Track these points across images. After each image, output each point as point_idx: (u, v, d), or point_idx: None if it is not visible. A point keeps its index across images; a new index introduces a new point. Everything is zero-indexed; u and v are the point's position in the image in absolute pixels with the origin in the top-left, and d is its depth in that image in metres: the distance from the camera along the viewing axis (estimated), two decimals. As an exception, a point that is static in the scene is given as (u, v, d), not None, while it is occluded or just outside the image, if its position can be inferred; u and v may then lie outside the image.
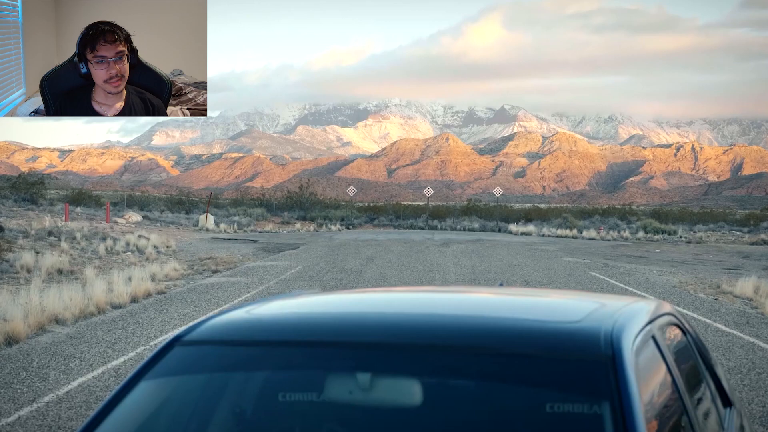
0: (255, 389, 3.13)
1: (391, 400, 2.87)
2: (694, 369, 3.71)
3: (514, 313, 3.33)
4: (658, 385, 3.08)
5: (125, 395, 2.99)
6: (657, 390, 3.04)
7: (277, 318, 3.35)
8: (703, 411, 3.55)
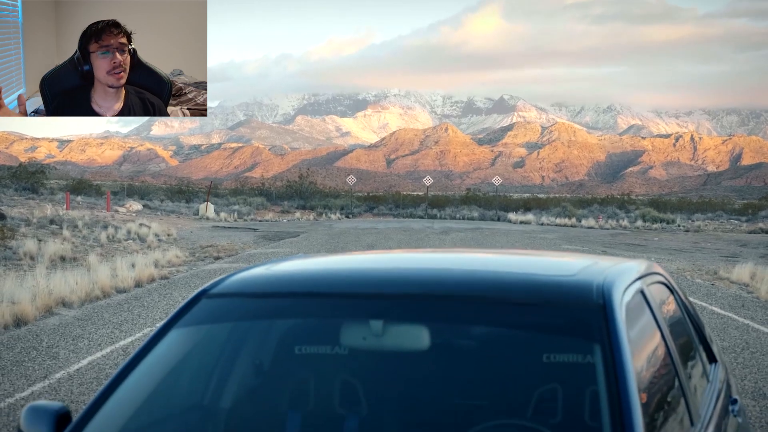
0: (275, 337, 3.40)
1: (401, 345, 3.15)
2: (680, 325, 3.96)
3: (515, 268, 3.60)
4: (646, 334, 3.34)
5: (157, 343, 3.26)
6: (645, 339, 3.30)
7: (296, 273, 3.62)
8: (690, 363, 3.80)
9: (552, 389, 3.05)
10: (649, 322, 3.40)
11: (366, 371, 3.24)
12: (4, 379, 9.78)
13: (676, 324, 3.88)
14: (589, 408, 2.91)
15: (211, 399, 3.36)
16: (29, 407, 3.18)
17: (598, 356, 2.91)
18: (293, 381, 3.31)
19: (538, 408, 3.03)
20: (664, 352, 3.39)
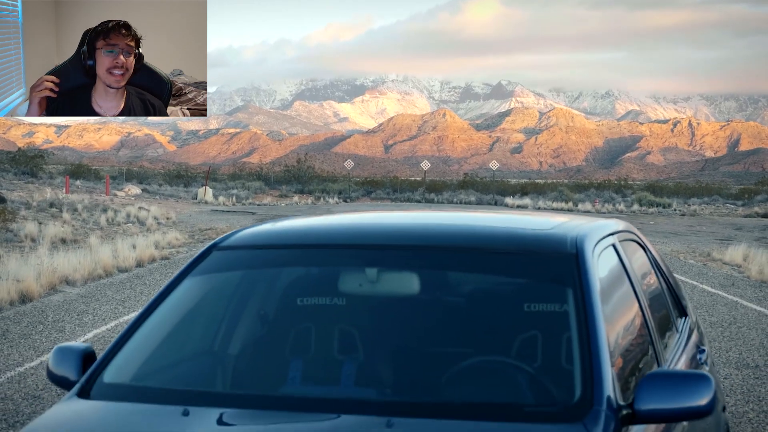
0: (279, 288, 3.73)
1: (394, 291, 3.49)
2: (652, 280, 4.29)
3: (498, 224, 3.95)
4: (617, 284, 3.67)
5: (172, 290, 3.59)
6: (615, 289, 3.63)
7: (298, 228, 3.97)
8: (659, 314, 4.13)
9: (531, 331, 3.38)
10: (620, 273, 3.73)
11: (362, 316, 3.57)
12: (13, 350, 10.11)
13: (647, 278, 4.20)
14: (564, 347, 3.24)
15: (221, 345, 3.68)
16: (57, 348, 3.50)
17: (571, 300, 3.24)
18: (296, 327, 3.63)
19: (519, 347, 3.35)
20: (634, 301, 3.72)
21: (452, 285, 3.64)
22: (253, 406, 3.08)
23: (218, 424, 2.97)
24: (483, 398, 3.13)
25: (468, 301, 3.62)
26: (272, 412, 3.05)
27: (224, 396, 3.27)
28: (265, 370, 3.53)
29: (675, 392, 3.00)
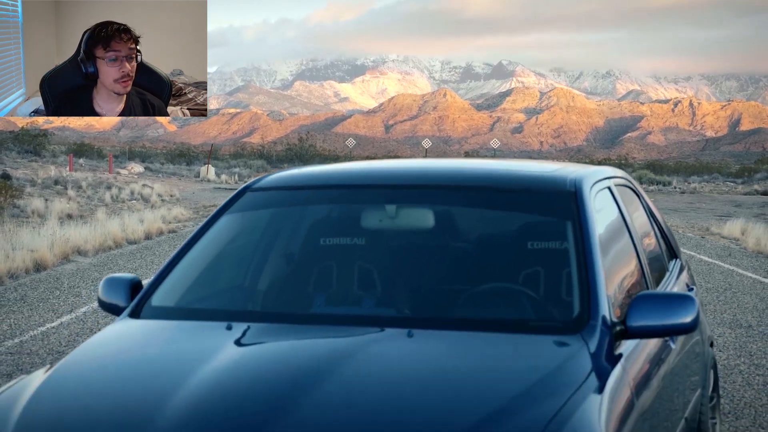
0: (309, 219, 4.13)
1: (411, 225, 3.89)
2: (644, 223, 4.67)
3: (505, 168, 4.35)
4: (612, 222, 4.05)
5: (210, 226, 3.98)
6: (611, 226, 4.01)
7: (324, 171, 4.38)
8: (651, 253, 4.50)
9: (533, 259, 3.78)
10: (614, 212, 4.11)
11: (382, 248, 3.96)
12: (33, 312, 10.49)
13: (640, 220, 4.57)
14: (564, 273, 3.62)
15: (251, 281, 4.06)
16: (107, 279, 3.88)
17: (570, 232, 3.62)
18: (324, 256, 4.03)
19: (523, 274, 3.74)
20: (627, 237, 4.10)
21: (464, 219, 4.04)
22: (288, 322, 3.47)
23: (259, 335, 3.36)
24: (493, 316, 3.51)
25: (479, 233, 4.03)
26: (305, 326, 3.46)
27: (262, 314, 3.68)
28: (295, 294, 3.92)
29: (662, 311, 3.38)
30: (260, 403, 2.80)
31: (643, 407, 3.38)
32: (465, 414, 2.76)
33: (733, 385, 7.43)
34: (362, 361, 3.08)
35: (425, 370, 3.09)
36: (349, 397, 2.86)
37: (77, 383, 3.16)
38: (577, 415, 2.84)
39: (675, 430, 3.99)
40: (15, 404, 3.00)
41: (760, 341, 9.25)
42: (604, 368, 3.17)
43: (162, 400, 2.85)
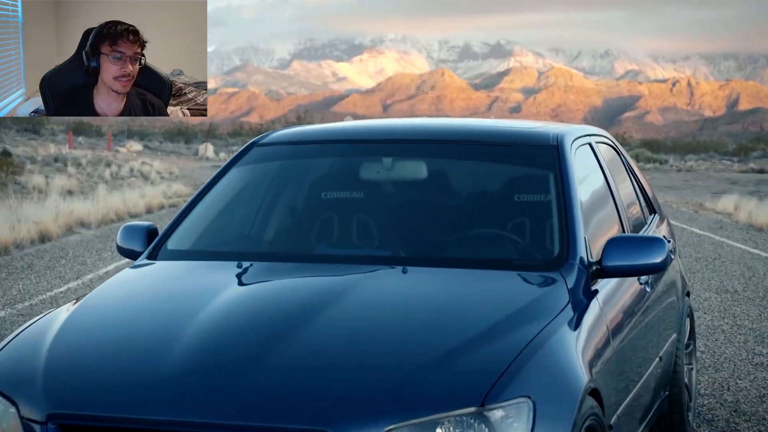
0: (313, 172, 4.45)
1: (406, 176, 4.22)
2: (624, 178, 4.98)
3: (492, 124, 4.70)
4: (592, 175, 4.37)
5: (220, 179, 4.30)
6: (591, 178, 4.33)
7: (325, 128, 4.72)
8: (630, 205, 4.82)
9: (516, 207, 4.11)
10: (594, 166, 4.43)
11: (379, 197, 4.28)
12: (41, 279, 10.81)
13: (620, 176, 4.89)
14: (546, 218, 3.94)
15: (258, 227, 4.38)
16: (125, 227, 4.21)
17: (552, 181, 3.95)
18: (327, 204, 4.36)
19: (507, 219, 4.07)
20: (607, 190, 4.42)
21: (455, 171, 4.37)
22: (291, 261, 3.83)
23: (264, 272, 3.71)
24: (479, 255, 3.84)
25: (468, 183, 4.36)
26: (307, 264, 3.82)
27: (268, 255, 4.04)
28: (299, 238, 4.26)
29: (635, 252, 3.70)
30: (262, 332, 3.12)
31: (618, 342, 3.70)
32: (450, 337, 3.09)
33: (715, 342, 7.77)
34: (360, 292, 3.42)
35: (416, 301, 3.43)
36: (348, 325, 3.19)
37: (100, 317, 3.49)
38: (553, 339, 3.16)
39: (648, 366, 4.31)
40: (46, 334, 3.31)
41: (744, 305, 9.59)
42: (580, 301, 3.49)
43: (176, 332, 3.17)
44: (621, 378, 3.74)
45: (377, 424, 2.75)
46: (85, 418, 2.91)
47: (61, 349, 3.20)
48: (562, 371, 3.07)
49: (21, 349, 3.28)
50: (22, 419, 2.96)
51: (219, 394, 2.86)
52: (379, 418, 2.77)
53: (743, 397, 6.17)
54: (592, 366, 3.30)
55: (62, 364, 3.12)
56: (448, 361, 2.96)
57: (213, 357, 3.01)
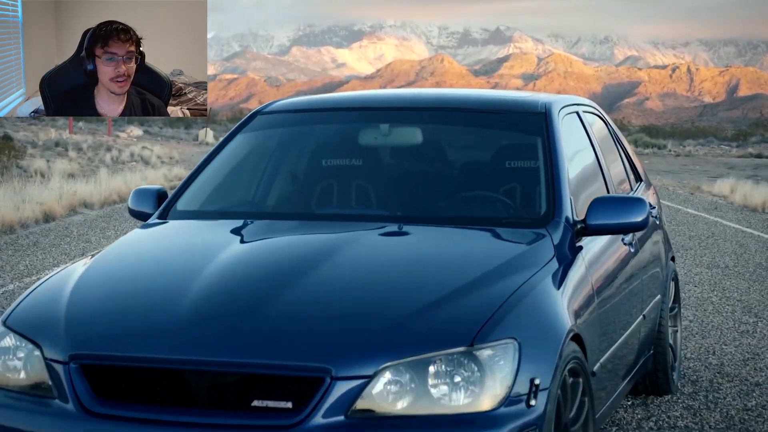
0: (314, 136, 4.70)
1: (401, 142, 4.48)
2: (610, 146, 5.21)
3: (484, 93, 4.96)
4: (579, 141, 4.61)
5: (226, 145, 4.55)
6: (577, 144, 4.57)
7: (327, 97, 5.00)
8: (615, 171, 5.05)
9: (505, 170, 4.36)
10: (581, 133, 4.67)
11: (377, 161, 4.52)
12: (47, 256, 11.05)
13: (607, 144, 5.12)
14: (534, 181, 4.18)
15: (263, 188, 4.62)
16: (136, 190, 4.45)
17: (540, 145, 4.20)
18: (328, 168, 4.61)
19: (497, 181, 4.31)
20: (593, 155, 4.66)
21: (448, 136, 4.62)
22: (294, 219, 4.11)
23: (268, 229, 4.00)
24: (471, 214, 4.09)
25: (461, 148, 4.61)
26: (308, 222, 4.12)
27: (272, 214, 4.32)
28: (301, 198, 4.51)
29: (617, 211, 3.94)
30: (267, 280, 3.38)
31: (601, 296, 3.94)
32: (442, 285, 3.34)
33: (703, 312, 8.00)
34: (358, 246, 3.69)
35: (411, 254, 3.69)
36: (346, 274, 3.45)
37: (116, 269, 3.74)
38: (539, 288, 3.40)
39: (632, 322, 4.55)
40: (65, 285, 3.56)
41: (734, 279, 9.83)
42: (565, 255, 3.73)
43: (188, 281, 3.41)
44: (604, 330, 3.98)
45: (375, 362, 2.99)
46: (105, 358, 3.15)
47: (81, 297, 3.43)
48: (546, 316, 3.32)
49: (42, 298, 3.52)
50: (46, 360, 3.20)
51: (228, 335, 3.10)
52: (377, 356, 3.00)
53: (728, 360, 6.40)
54: (576, 315, 3.53)
55: (82, 310, 3.36)
56: (439, 306, 3.20)
57: (222, 303, 3.25)
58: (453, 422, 2.98)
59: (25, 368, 3.28)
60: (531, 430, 3.04)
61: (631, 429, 5.00)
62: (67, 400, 3.12)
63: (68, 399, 3.12)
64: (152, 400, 3.07)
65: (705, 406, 5.41)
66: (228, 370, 3.04)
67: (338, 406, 2.95)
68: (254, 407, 3.00)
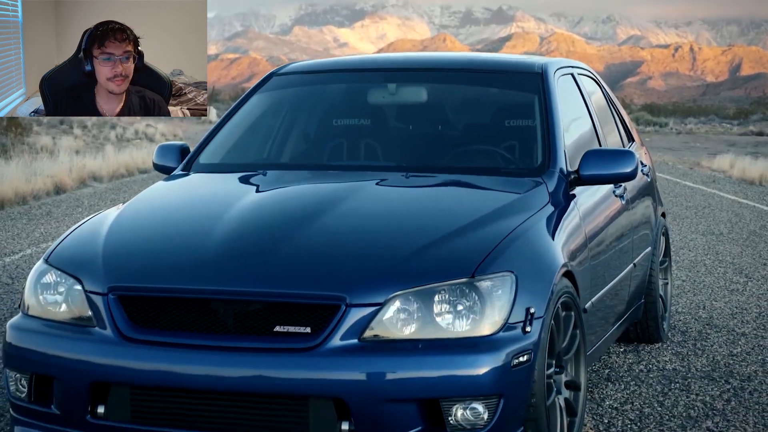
0: (327, 95, 5.03)
1: (408, 100, 4.82)
2: (603, 107, 5.53)
3: (484, 56, 5.35)
4: (573, 100, 4.93)
5: (243, 104, 4.88)
6: (572, 103, 4.89)
7: (338, 60, 5.38)
8: (608, 130, 5.37)
9: (504, 125, 4.69)
10: (575, 93, 5.00)
11: (385, 118, 4.85)
12: (60, 224, 11.38)
13: (600, 105, 5.44)
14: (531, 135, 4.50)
15: (278, 146, 4.95)
16: (160, 146, 4.80)
17: (536, 103, 4.53)
18: (339, 124, 4.94)
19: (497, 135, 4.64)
20: (586, 114, 4.99)
21: (452, 95, 4.96)
22: (308, 169, 4.47)
23: (284, 179, 4.39)
24: (472, 164, 4.43)
25: (463, 105, 4.96)
26: (325, 171, 4.46)
27: (290, 165, 4.68)
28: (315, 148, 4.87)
29: (607, 162, 4.27)
30: (286, 220, 3.75)
31: (593, 240, 4.28)
32: (445, 224, 3.69)
33: (696, 274, 8.33)
34: (369, 191, 4.06)
35: (417, 198, 4.08)
36: (360, 214, 3.82)
37: (148, 212, 4.10)
38: (534, 228, 3.74)
39: (622, 269, 4.88)
40: (101, 227, 3.89)
41: (728, 244, 10.15)
42: (559, 201, 4.06)
43: (215, 221, 3.75)
44: (595, 272, 4.31)
45: (385, 291, 3.32)
46: (140, 290, 3.48)
47: (116, 237, 3.77)
48: (540, 253, 3.65)
49: (80, 239, 3.85)
50: (86, 293, 3.53)
51: (253, 267, 3.43)
52: (387, 286, 3.33)
53: (717, 314, 6.73)
54: (568, 254, 3.86)
55: (118, 248, 3.70)
56: (444, 242, 3.54)
57: (246, 240, 3.58)
58: (456, 345, 3.31)
59: (66, 301, 3.60)
60: (526, 353, 3.37)
61: (623, 372, 5.33)
62: (106, 327, 3.45)
63: (107, 326, 3.45)
64: (183, 327, 3.40)
65: (693, 352, 5.74)
66: (252, 299, 3.37)
67: (352, 331, 3.28)
68: (276, 332, 3.33)
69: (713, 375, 5.26)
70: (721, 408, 4.72)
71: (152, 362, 3.37)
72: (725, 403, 4.80)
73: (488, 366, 3.28)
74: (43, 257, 3.80)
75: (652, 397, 4.86)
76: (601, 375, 5.25)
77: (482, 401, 3.29)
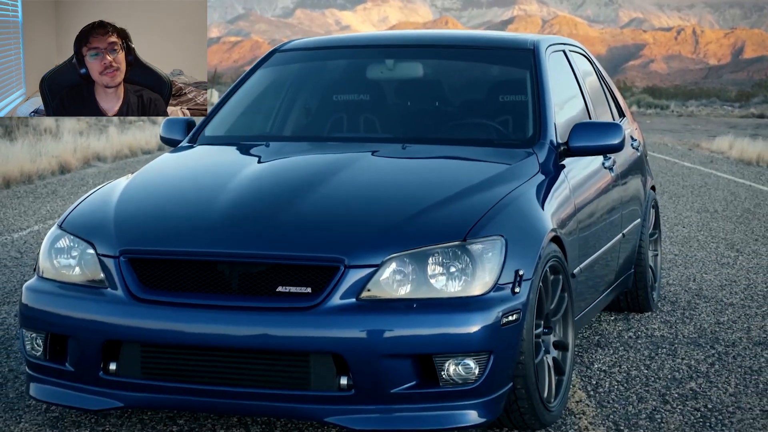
0: (327, 71, 5.22)
1: (405, 75, 5.02)
2: (594, 82, 5.71)
3: (479, 33, 5.62)
4: (564, 76, 5.12)
5: (247, 79, 5.07)
6: (563, 78, 5.07)
7: (338, 37, 5.59)
8: (599, 106, 5.55)
9: (497, 98, 4.88)
10: (566, 69, 5.18)
11: (383, 92, 5.04)
12: (66, 202, 11.58)
13: (591, 81, 5.62)
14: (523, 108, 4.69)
15: (281, 119, 5.14)
16: (167, 120, 4.99)
17: (528, 78, 4.72)
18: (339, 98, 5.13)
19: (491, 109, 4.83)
20: (577, 90, 5.17)
21: (446, 70, 5.15)
22: (309, 141, 4.66)
23: (286, 150, 4.61)
24: (466, 136, 4.62)
25: (457, 80, 5.16)
26: (325, 143, 4.65)
27: (292, 136, 4.87)
28: (317, 120, 5.08)
29: (596, 134, 4.46)
30: (288, 187, 3.97)
31: (582, 208, 4.48)
32: (439, 191, 3.91)
33: (689, 249, 8.53)
34: (368, 160, 4.28)
35: (413, 166, 4.30)
36: (358, 181, 4.04)
37: (157, 181, 4.32)
38: (524, 195, 3.94)
39: (611, 238, 5.08)
40: (111, 195, 4.13)
41: (722, 222, 10.35)
42: (549, 171, 4.26)
43: (220, 189, 3.96)
44: (584, 239, 4.51)
45: (381, 253, 3.52)
46: (150, 252, 3.68)
47: (126, 204, 3.98)
48: (529, 218, 3.85)
49: (92, 206, 4.06)
50: (99, 256, 3.73)
51: (256, 231, 3.64)
52: (384, 248, 3.54)
53: (706, 286, 6.93)
54: (557, 221, 4.06)
55: (129, 213, 3.90)
56: (438, 207, 3.74)
57: (249, 205, 3.79)
58: (448, 304, 3.51)
59: (79, 264, 3.81)
60: (515, 312, 3.57)
61: (613, 338, 5.54)
62: (117, 289, 3.65)
63: (118, 288, 3.65)
64: (191, 288, 3.60)
65: (681, 320, 5.94)
66: (256, 261, 3.57)
67: (350, 291, 3.48)
68: (279, 292, 3.53)
69: (699, 341, 5.47)
70: (704, 371, 4.92)
71: (161, 321, 3.57)
72: (709, 366, 5.00)
73: (479, 324, 3.48)
74: (57, 223, 4.01)
75: (640, 361, 5.06)
76: (591, 341, 5.46)
77: (473, 357, 3.49)
